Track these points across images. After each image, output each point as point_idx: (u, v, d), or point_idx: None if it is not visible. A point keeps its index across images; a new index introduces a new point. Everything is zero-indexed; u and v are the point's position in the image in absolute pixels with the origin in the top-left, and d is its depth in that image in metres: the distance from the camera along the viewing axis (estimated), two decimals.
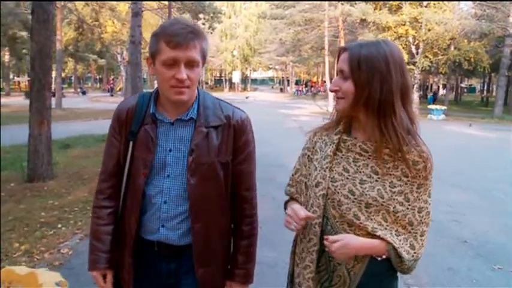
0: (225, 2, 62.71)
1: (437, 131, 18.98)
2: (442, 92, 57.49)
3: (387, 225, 1.64)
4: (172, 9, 24.42)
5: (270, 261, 4.62)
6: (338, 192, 1.67)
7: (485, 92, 53.24)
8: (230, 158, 1.90)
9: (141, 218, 1.90)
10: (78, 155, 11.41)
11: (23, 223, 5.82)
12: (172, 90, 1.73)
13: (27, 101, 8.23)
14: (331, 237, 1.60)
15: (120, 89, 47.06)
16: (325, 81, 43.90)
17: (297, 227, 1.67)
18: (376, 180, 1.64)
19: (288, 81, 74.19)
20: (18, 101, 35.05)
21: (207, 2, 24.23)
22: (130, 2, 25.31)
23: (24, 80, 58.51)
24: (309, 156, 1.86)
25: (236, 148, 1.91)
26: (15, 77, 60.39)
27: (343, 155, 1.72)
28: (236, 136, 1.90)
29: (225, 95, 51.21)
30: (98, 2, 25.92)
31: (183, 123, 1.86)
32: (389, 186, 1.63)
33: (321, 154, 1.78)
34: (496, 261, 4.96)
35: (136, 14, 13.57)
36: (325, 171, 1.71)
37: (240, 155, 1.92)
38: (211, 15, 24.39)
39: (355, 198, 1.64)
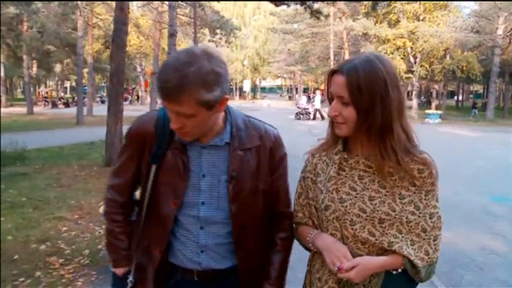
0: (235, 14, 65.20)
1: (430, 132, 21.43)
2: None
3: (402, 237, 1.61)
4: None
5: None
6: (349, 213, 1.62)
7: (484, 98, 55.32)
8: (269, 179, 1.82)
9: (175, 245, 1.78)
10: None
11: None
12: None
13: (57, 110, 10.59)
14: (345, 265, 1.55)
15: (138, 98, 49.75)
16: None
17: (342, 266, 1.56)
18: (385, 195, 1.61)
19: (297, 89, 75.84)
20: (48, 110, 38.07)
21: (225, 19, 27.05)
22: (158, 20, 28.16)
23: (46, 90, 61.42)
24: (311, 178, 1.79)
25: (272, 166, 1.83)
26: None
27: (347, 173, 1.68)
28: (271, 155, 1.82)
29: (236, 103, 53.81)
30: None
31: (216, 147, 1.73)
32: (399, 198, 1.60)
33: (324, 176, 1.72)
34: None
35: (172, 35, 16.33)
36: (332, 193, 1.65)
37: (275, 172, 1.84)
38: (229, 30, 27.23)
39: (368, 216, 1.60)
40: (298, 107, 31.24)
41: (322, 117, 28.69)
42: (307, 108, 30.55)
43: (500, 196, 8.60)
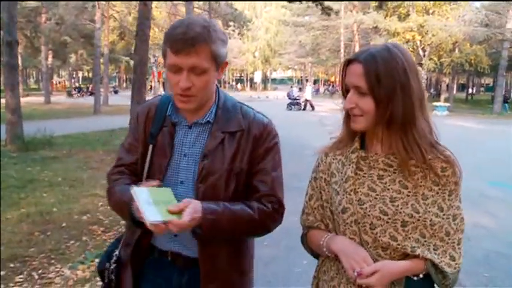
0: (247, 5, 65.51)
1: (436, 124, 21.94)
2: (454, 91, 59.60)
3: (425, 241, 1.50)
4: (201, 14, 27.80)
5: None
6: (369, 215, 1.51)
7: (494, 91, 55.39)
8: (245, 168, 1.72)
9: None
10: None
11: None
12: (177, 98, 1.64)
13: (72, 100, 11.28)
14: (365, 271, 1.44)
15: (150, 88, 50.31)
16: None
17: (362, 272, 1.44)
18: (408, 195, 1.50)
19: (307, 80, 76.13)
20: (64, 100, 39.01)
21: (238, 12, 27.70)
22: (172, 13, 28.86)
23: (60, 81, 62.56)
24: (325, 179, 1.67)
25: (255, 156, 1.73)
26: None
27: (365, 173, 1.56)
28: (255, 144, 1.73)
29: (247, 94, 54.37)
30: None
31: (200, 127, 1.74)
32: (422, 199, 1.49)
33: (340, 176, 1.60)
34: None
35: None
36: (350, 194, 1.54)
37: (259, 163, 1.74)
38: (242, 23, 27.90)
39: (389, 218, 1.49)
40: (289, 98, 32.32)
41: (313, 107, 30.80)
42: (298, 99, 31.87)
43: (496, 182, 9.24)
